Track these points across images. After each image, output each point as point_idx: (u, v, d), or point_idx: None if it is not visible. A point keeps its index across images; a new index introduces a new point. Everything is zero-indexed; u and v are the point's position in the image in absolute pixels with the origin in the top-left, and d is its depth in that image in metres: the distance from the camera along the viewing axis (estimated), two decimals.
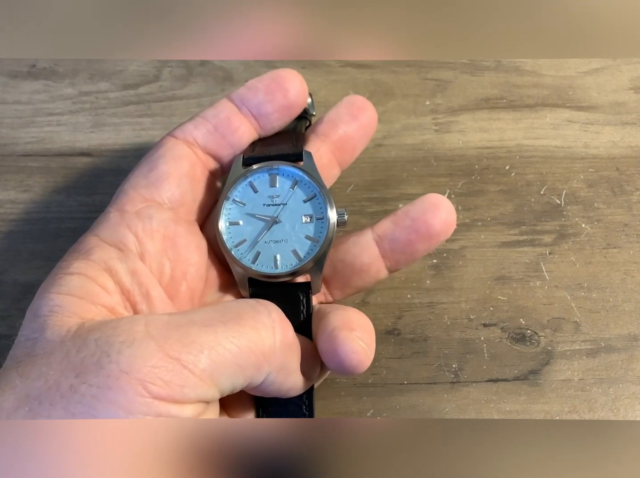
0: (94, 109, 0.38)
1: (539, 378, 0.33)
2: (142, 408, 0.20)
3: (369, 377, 0.33)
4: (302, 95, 0.29)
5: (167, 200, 0.27)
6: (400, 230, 0.28)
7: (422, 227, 0.28)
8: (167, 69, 0.39)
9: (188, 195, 0.28)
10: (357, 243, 0.29)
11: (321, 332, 0.25)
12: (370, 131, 0.31)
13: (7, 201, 0.36)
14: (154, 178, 0.27)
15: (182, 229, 0.27)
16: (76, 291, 0.23)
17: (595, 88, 0.39)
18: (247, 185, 0.28)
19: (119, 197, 0.27)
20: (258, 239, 0.28)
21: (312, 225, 0.28)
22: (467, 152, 0.37)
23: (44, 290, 0.24)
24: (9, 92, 0.38)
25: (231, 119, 0.29)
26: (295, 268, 0.28)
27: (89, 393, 0.20)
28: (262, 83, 0.29)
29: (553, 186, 0.37)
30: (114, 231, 0.26)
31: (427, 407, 0.32)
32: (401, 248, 0.28)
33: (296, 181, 0.28)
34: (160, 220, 0.27)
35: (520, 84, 0.39)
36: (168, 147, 0.28)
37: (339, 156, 0.30)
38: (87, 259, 0.25)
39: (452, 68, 0.39)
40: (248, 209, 0.28)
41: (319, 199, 0.28)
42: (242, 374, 0.22)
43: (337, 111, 0.30)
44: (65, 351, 0.21)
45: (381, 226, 0.29)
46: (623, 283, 0.34)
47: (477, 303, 0.34)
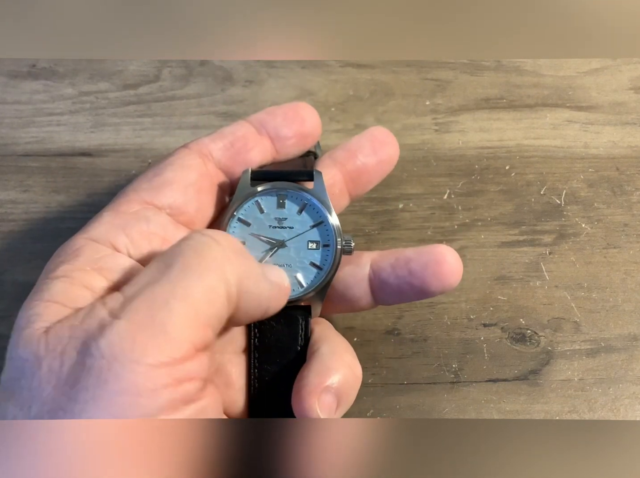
0: (94, 109, 0.38)
1: (539, 378, 0.33)
2: (147, 385, 0.20)
3: (369, 377, 0.33)
4: (317, 128, 0.29)
5: (168, 206, 0.27)
6: (394, 278, 0.27)
7: (417, 283, 0.27)
8: (167, 69, 0.39)
9: (191, 205, 0.27)
10: (352, 275, 0.28)
11: (297, 381, 0.26)
12: (389, 168, 0.30)
13: (7, 201, 0.36)
14: (158, 183, 0.27)
15: (182, 233, 0.27)
16: (57, 296, 0.23)
17: (595, 88, 0.39)
18: (254, 204, 0.28)
19: (117, 198, 0.27)
20: (261, 262, 0.27)
21: (318, 252, 0.27)
22: (467, 152, 0.37)
23: (29, 298, 0.23)
24: (9, 92, 0.38)
25: (248, 138, 0.28)
26: (298, 296, 0.27)
27: (90, 397, 0.20)
28: (280, 109, 0.29)
29: (553, 186, 0.37)
30: (105, 231, 0.25)
31: (427, 407, 0.32)
32: (391, 292, 0.28)
33: (305, 205, 0.28)
34: (158, 223, 0.26)
35: (520, 84, 0.39)
36: (179, 156, 0.28)
37: (352, 187, 0.30)
38: (74, 261, 0.24)
39: (452, 68, 0.39)
40: (253, 229, 0.27)
41: (326, 226, 0.27)
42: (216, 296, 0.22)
43: (359, 141, 0.30)
44: (47, 368, 0.21)
45: (379, 264, 0.28)
46: (623, 283, 0.34)
47: (477, 303, 0.34)
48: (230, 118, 0.38)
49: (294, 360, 0.27)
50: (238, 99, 0.38)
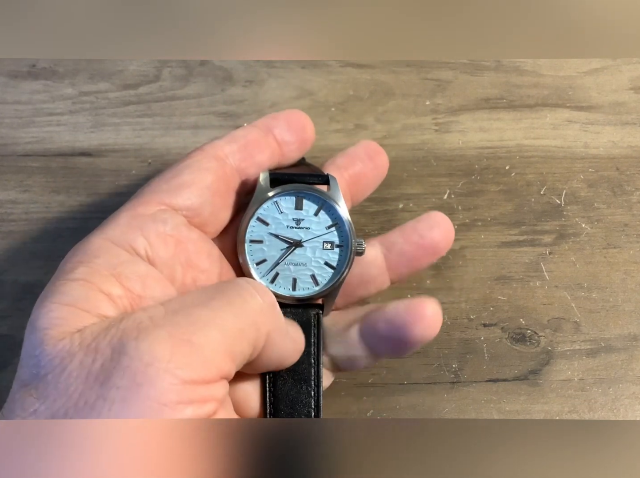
0: (94, 109, 0.38)
1: (539, 378, 0.33)
2: (174, 397, 0.20)
3: (369, 377, 0.33)
4: (313, 134, 0.31)
5: (185, 208, 0.27)
6: (408, 245, 0.29)
7: (429, 243, 0.29)
8: (167, 69, 0.39)
9: (206, 207, 0.27)
10: (366, 254, 0.29)
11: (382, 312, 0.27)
12: (382, 175, 0.32)
13: (7, 201, 0.36)
14: (176, 185, 0.27)
15: (195, 235, 0.27)
16: (78, 302, 0.23)
17: (595, 88, 0.39)
18: (273, 204, 0.28)
19: (134, 199, 0.27)
20: (279, 261, 0.28)
21: (333, 253, 0.28)
22: (467, 152, 0.37)
23: (44, 298, 0.23)
24: (9, 92, 0.38)
25: (260, 141, 0.29)
26: (312, 294, 0.28)
27: (119, 396, 0.20)
28: (282, 115, 0.30)
29: (553, 186, 0.37)
30: (123, 233, 0.25)
31: (427, 407, 0.32)
32: (407, 262, 0.29)
33: (321, 206, 0.29)
34: (174, 225, 0.26)
35: (520, 84, 0.39)
36: (196, 159, 0.28)
37: (353, 190, 0.31)
38: (92, 263, 0.24)
39: (452, 68, 0.39)
40: (272, 228, 0.28)
41: (341, 227, 0.28)
42: (245, 338, 0.23)
43: (355, 150, 0.31)
44: (78, 363, 0.21)
45: (389, 239, 0.30)
46: (623, 283, 0.34)
47: (477, 303, 0.34)
48: (230, 118, 0.38)
49: (307, 355, 0.28)
50: (238, 99, 0.38)
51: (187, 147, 0.37)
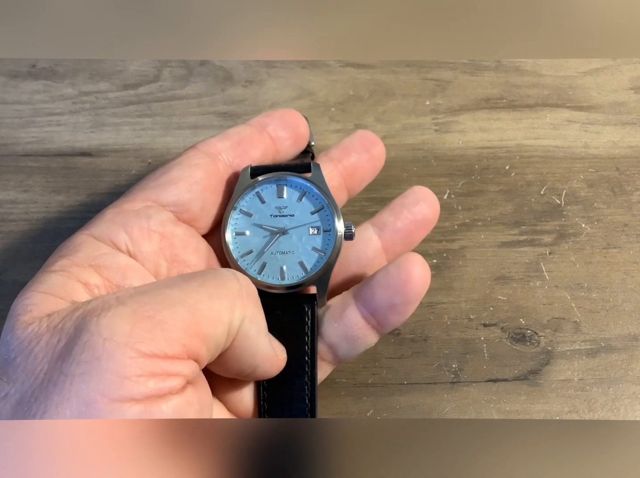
0: (94, 109, 0.38)
1: (539, 378, 0.33)
2: (135, 370, 0.20)
3: (369, 377, 0.33)
4: (307, 131, 0.31)
5: (172, 203, 0.27)
6: (400, 221, 0.29)
7: (420, 218, 0.29)
8: (167, 69, 0.39)
9: (196, 203, 0.28)
10: (360, 238, 0.30)
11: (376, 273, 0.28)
12: (379, 165, 0.32)
13: (7, 201, 0.36)
14: (164, 181, 0.27)
15: (181, 230, 0.27)
16: (54, 289, 0.23)
17: (595, 88, 0.39)
18: (255, 195, 0.29)
19: (122, 197, 0.27)
20: (264, 250, 0.28)
21: (319, 237, 0.28)
22: (467, 152, 0.37)
23: (25, 289, 0.24)
24: (9, 92, 0.38)
25: (253, 137, 0.30)
26: (302, 280, 0.28)
27: (79, 371, 0.20)
28: (276, 113, 0.30)
29: (553, 186, 0.37)
30: (106, 228, 0.26)
31: (427, 407, 0.32)
32: (401, 239, 0.29)
33: (304, 192, 0.29)
34: (158, 220, 0.27)
35: (520, 84, 0.39)
36: (187, 156, 0.28)
37: (349, 182, 0.31)
38: (72, 256, 0.24)
39: (452, 68, 0.39)
40: (255, 219, 0.28)
41: (326, 211, 0.28)
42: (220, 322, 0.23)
43: (351, 141, 0.31)
44: (44, 344, 0.21)
45: (380, 219, 0.30)
46: (623, 283, 0.34)
47: (477, 303, 0.34)
48: (230, 118, 0.38)
49: (301, 348, 0.28)
50: (238, 99, 0.38)
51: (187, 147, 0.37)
